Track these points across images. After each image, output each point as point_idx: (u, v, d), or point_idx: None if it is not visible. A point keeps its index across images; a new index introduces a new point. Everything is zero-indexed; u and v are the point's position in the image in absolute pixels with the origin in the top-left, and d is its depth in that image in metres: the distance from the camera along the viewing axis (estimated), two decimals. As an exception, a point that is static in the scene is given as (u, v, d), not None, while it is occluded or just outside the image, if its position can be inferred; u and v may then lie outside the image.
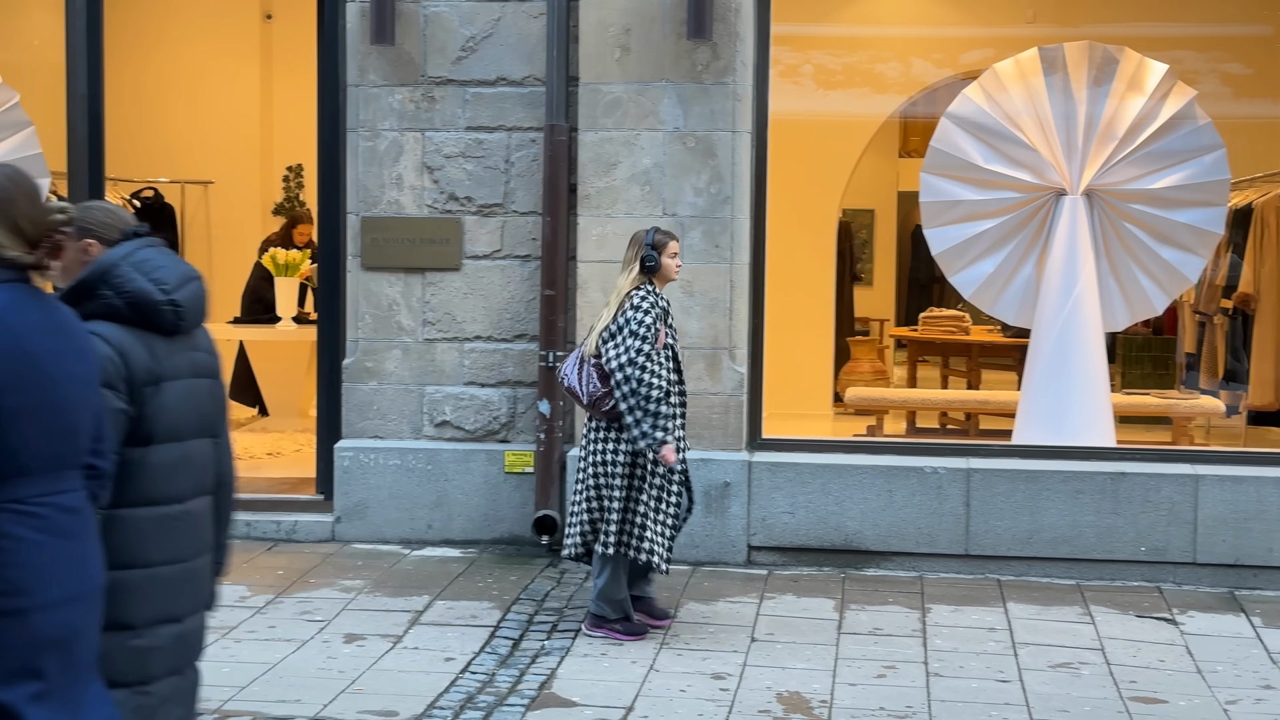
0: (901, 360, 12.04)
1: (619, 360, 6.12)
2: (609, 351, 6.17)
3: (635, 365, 6.09)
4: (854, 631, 6.53)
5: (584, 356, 6.32)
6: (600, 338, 6.24)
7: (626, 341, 6.13)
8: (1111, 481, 7.43)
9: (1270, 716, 5.56)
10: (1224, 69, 10.23)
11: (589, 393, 6.24)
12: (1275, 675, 6.04)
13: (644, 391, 6.09)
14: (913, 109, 11.02)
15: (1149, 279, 8.10)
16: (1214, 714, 5.58)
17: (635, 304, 6.19)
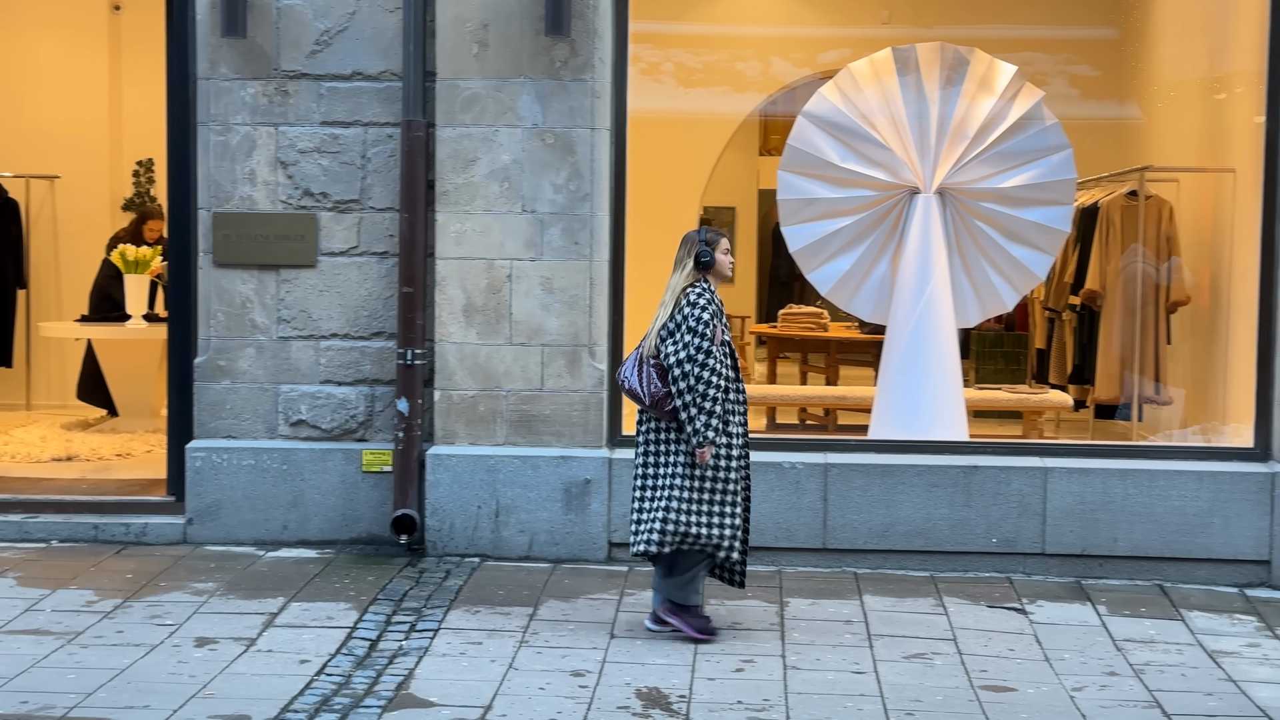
0: (762, 357, 12.14)
1: (677, 356, 6.14)
2: (667, 348, 6.19)
3: (694, 362, 6.10)
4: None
5: (643, 356, 6.31)
6: (659, 336, 6.25)
7: (685, 338, 6.14)
8: (964, 475, 7.57)
9: (1114, 702, 5.71)
10: (1072, 71, 10.48)
11: (651, 393, 6.23)
12: (1119, 662, 6.20)
13: (700, 388, 6.11)
14: (772, 107, 11.12)
15: (1000, 276, 8.26)
16: (1061, 701, 5.71)
17: (691, 301, 6.20)
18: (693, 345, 6.11)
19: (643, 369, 6.27)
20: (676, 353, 6.14)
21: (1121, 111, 10.66)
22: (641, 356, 6.31)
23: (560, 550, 7.60)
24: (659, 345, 6.22)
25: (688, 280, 6.26)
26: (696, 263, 6.26)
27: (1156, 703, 5.70)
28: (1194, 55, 9.69)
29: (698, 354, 6.09)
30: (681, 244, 6.38)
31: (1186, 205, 9.52)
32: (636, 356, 6.34)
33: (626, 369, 6.35)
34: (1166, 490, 7.45)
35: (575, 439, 7.64)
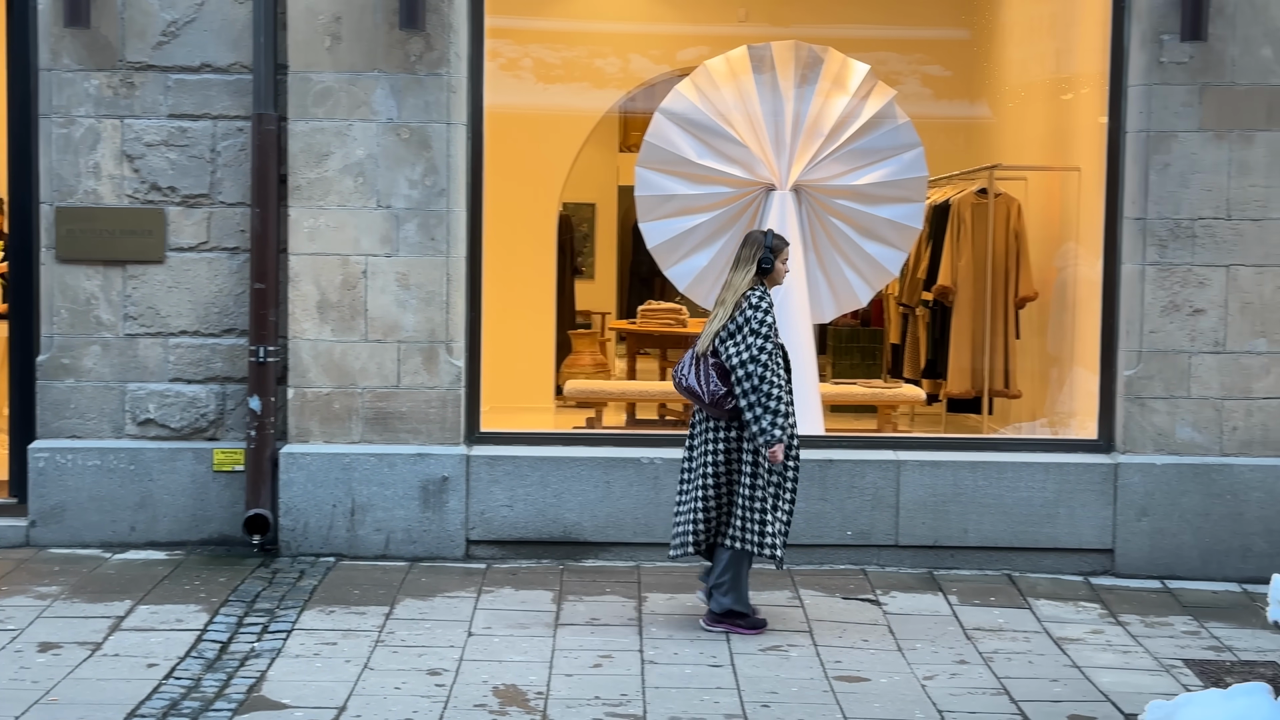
0: (622, 353, 12.16)
1: (740, 358, 6.19)
2: (729, 349, 6.24)
3: (758, 363, 6.17)
4: (571, 623, 6.56)
5: (699, 355, 6.34)
6: (718, 336, 6.29)
7: (748, 340, 6.20)
8: (820, 468, 7.65)
9: (964, 690, 5.82)
10: (924, 70, 10.65)
11: (710, 392, 6.27)
12: (969, 650, 6.32)
13: (765, 389, 6.17)
14: (631, 104, 11.15)
15: (854, 272, 8.37)
16: (913, 690, 5.80)
17: (754, 303, 6.26)
18: (755, 346, 6.18)
19: (700, 368, 6.34)
20: (739, 354, 6.21)
21: (972, 111, 10.87)
22: (697, 355, 6.36)
23: (418, 549, 7.53)
24: (719, 346, 6.27)
25: (749, 283, 6.31)
26: (758, 268, 6.34)
27: (1004, 689, 5.82)
28: (1041, 57, 9.91)
29: (760, 354, 6.17)
30: (745, 243, 6.45)
31: (1034, 203, 9.74)
32: (692, 356, 6.40)
33: (683, 368, 6.40)
34: (1015, 482, 7.61)
35: (433, 436, 7.57)
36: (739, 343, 6.23)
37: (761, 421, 6.18)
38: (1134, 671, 6.09)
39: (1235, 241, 7.51)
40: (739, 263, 6.41)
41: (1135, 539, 7.55)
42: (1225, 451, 7.57)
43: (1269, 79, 7.46)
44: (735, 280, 6.37)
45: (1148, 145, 7.52)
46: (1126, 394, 7.61)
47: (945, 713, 5.54)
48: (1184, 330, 7.55)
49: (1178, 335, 7.55)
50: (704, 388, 6.31)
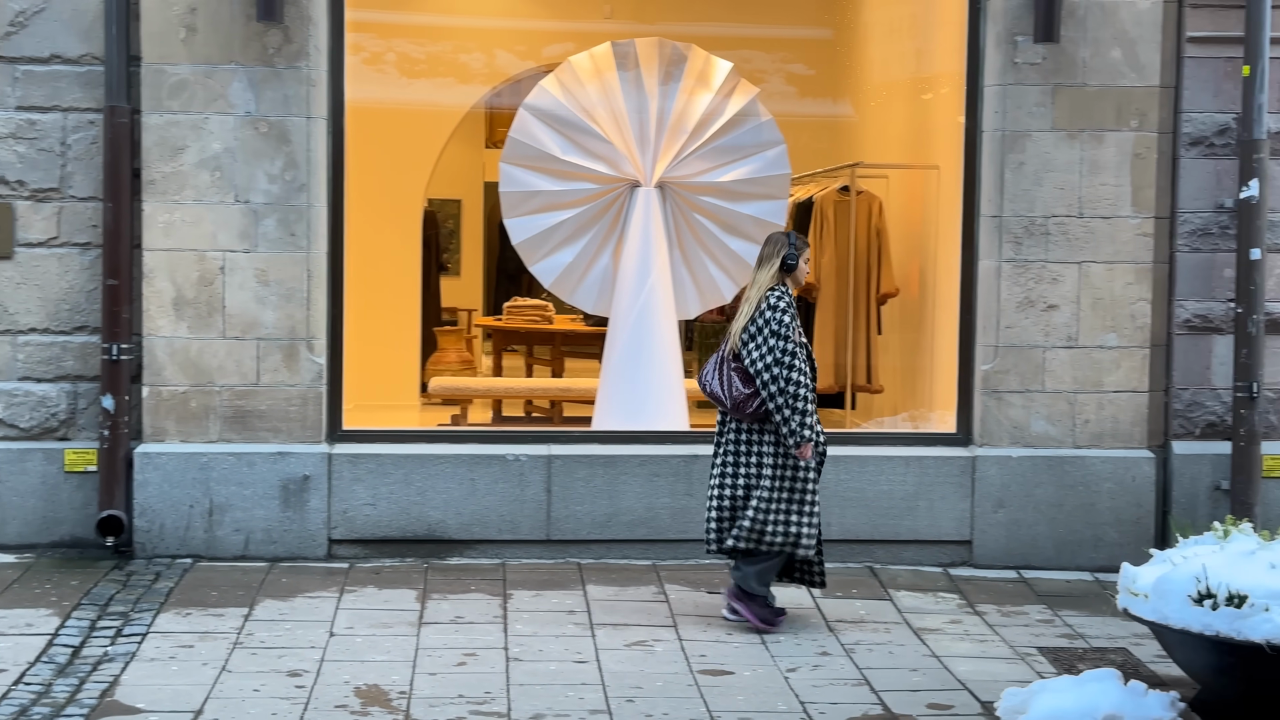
0: (488, 350, 12.11)
1: (764, 360, 6.22)
2: (752, 352, 6.27)
3: (781, 365, 6.20)
4: (435, 621, 6.51)
5: (723, 358, 6.38)
6: (740, 337, 6.31)
7: (769, 341, 6.23)
8: (685, 464, 7.68)
9: (826, 681, 5.88)
10: (787, 69, 10.75)
11: (733, 396, 6.31)
12: (831, 642, 6.39)
13: (791, 390, 6.21)
14: (497, 100, 11.10)
15: (718, 268, 8.42)
16: (776, 682, 5.85)
17: (772, 304, 6.28)
18: (778, 349, 6.22)
19: (723, 371, 6.37)
20: (763, 357, 6.24)
21: (834, 109, 11.00)
22: (722, 358, 6.40)
23: (278, 549, 7.42)
24: (740, 347, 6.32)
25: (772, 281, 6.34)
26: (782, 265, 6.35)
27: (865, 680, 5.90)
28: (902, 56, 10.07)
29: (784, 356, 6.21)
30: (768, 242, 6.48)
31: (895, 200, 9.88)
32: (717, 359, 6.43)
33: (707, 372, 6.43)
34: (876, 475, 7.71)
35: (293, 435, 7.46)
36: (760, 345, 6.28)
37: (791, 423, 6.25)
38: (990, 660, 6.21)
39: (1087, 239, 7.68)
40: (762, 261, 6.45)
41: (992, 530, 7.70)
42: (1078, 444, 7.74)
43: (1118, 80, 7.65)
44: (760, 278, 6.41)
45: (1003, 144, 7.67)
46: (984, 388, 7.75)
47: (807, 704, 5.60)
48: (1038, 326, 7.72)
49: (1032, 330, 7.71)
50: (726, 392, 6.36)
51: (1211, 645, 5.21)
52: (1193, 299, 7.75)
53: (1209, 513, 7.56)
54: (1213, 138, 7.69)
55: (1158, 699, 5.41)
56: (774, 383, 6.24)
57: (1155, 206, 7.71)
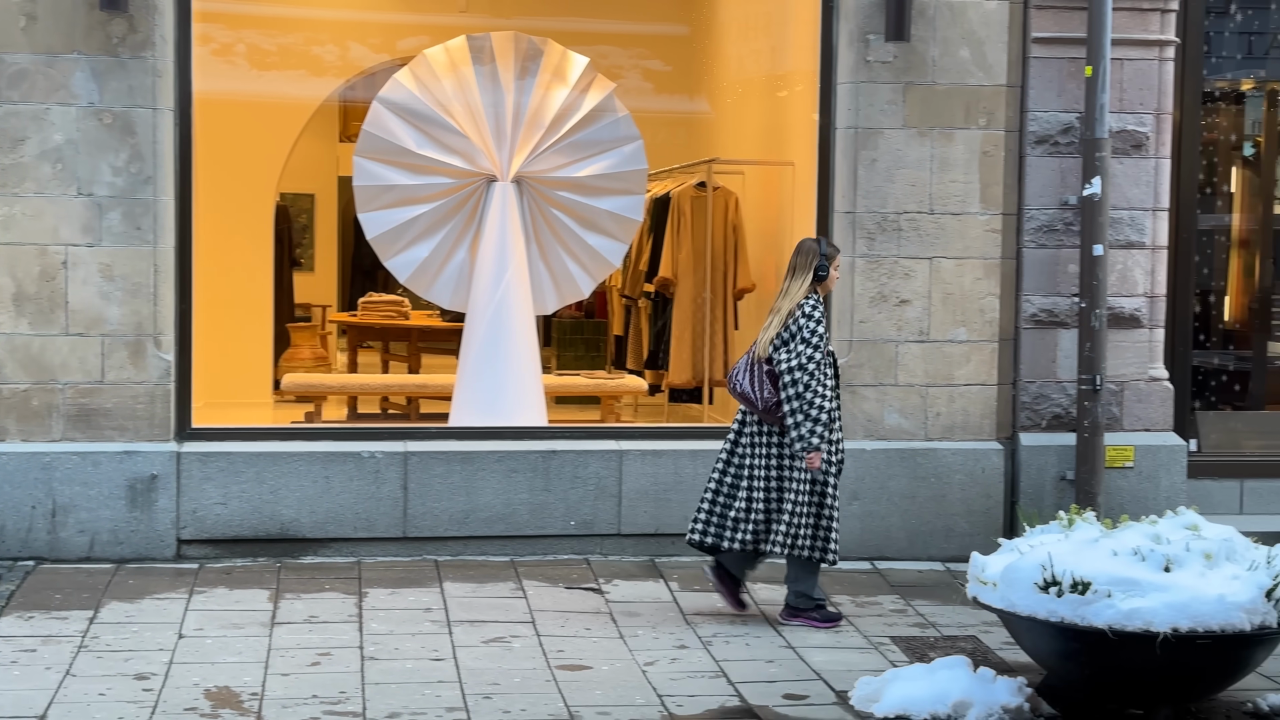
0: (343, 346, 11.96)
1: (789, 364, 6.34)
2: (781, 356, 6.37)
3: (805, 371, 6.31)
4: (289, 621, 6.40)
5: (754, 360, 6.46)
6: (772, 344, 6.41)
7: (799, 348, 6.35)
8: (543, 459, 7.66)
9: (684, 674, 5.90)
10: (644, 65, 10.79)
11: (764, 399, 6.41)
12: (689, 635, 6.42)
13: (809, 396, 6.31)
14: (351, 93, 10.98)
15: (576, 264, 8.41)
16: (634, 676, 5.86)
17: (807, 312, 6.40)
18: (804, 355, 6.32)
19: (754, 374, 6.45)
20: (788, 360, 6.34)
21: (691, 106, 11.06)
22: (753, 360, 6.47)
23: (125, 550, 7.24)
24: (772, 352, 6.41)
25: (805, 290, 6.44)
26: (814, 275, 6.46)
27: (723, 672, 5.93)
28: (757, 54, 10.15)
29: (809, 363, 6.31)
30: (799, 252, 6.55)
31: (751, 196, 9.97)
32: (748, 361, 6.51)
33: (737, 373, 6.50)
34: (733, 469, 7.76)
35: (140, 433, 7.29)
36: (790, 350, 6.38)
37: (801, 428, 6.32)
38: (845, 650, 6.28)
39: (938, 235, 7.82)
40: (795, 270, 6.53)
41: (847, 522, 7.78)
42: (930, 436, 7.88)
43: (966, 79, 7.80)
44: (792, 288, 6.50)
45: (856, 141, 7.77)
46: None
47: (665, 697, 5.61)
48: (891, 320, 7.83)
49: (886, 325, 7.83)
50: (758, 394, 6.44)
51: (1057, 631, 5.34)
52: (1039, 294, 7.93)
53: (1055, 502, 7.74)
54: (1057, 136, 7.88)
55: (1006, 685, 5.53)
56: (793, 386, 6.35)
57: (1003, 203, 7.87)
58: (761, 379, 6.46)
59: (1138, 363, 7.99)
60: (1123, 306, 7.91)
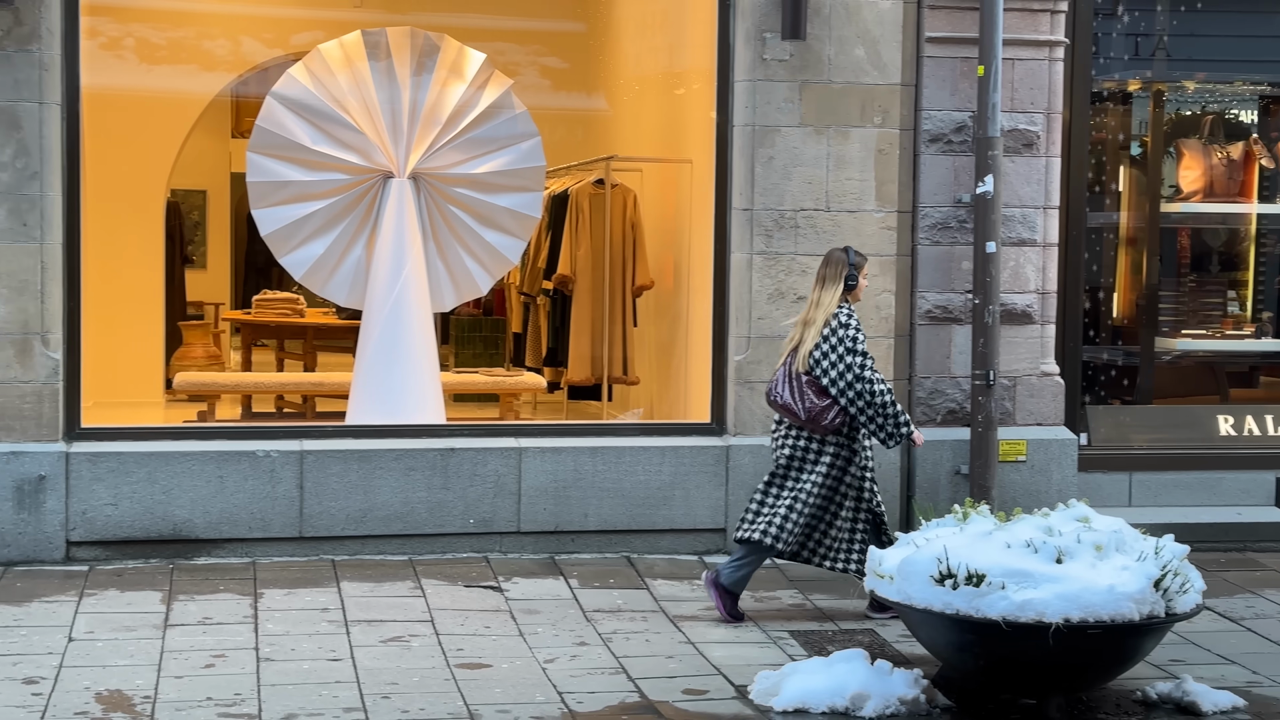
0: (237, 345, 11.81)
1: (846, 379, 6.48)
2: (829, 371, 6.51)
3: (862, 380, 6.47)
4: (182, 623, 6.31)
5: (794, 373, 6.56)
6: (812, 356, 6.53)
7: (846, 359, 6.48)
8: (441, 457, 7.61)
9: (584, 670, 5.90)
10: (541, 62, 10.77)
11: (807, 409, 6.52)
12: (589, 632, 6.42)
13: (877, 402, 6.48)
14: (243, 88, 10.84)
15: (474, 260, 8.37)
16: (534, 673, 5.84)
17: (843, 321, 6.54)
18: (855, 365, 6.48)
19: (794, 385, 6.56)
20: (843, 375, 6.49)
21: (589, 103, 11.06)
22: (792, 373, 6.58)
23: (12, 552, 7.09)
24: (813, 364, 6.53)
25: (838, 301, 6.58)
26: (845, 285, 6.60)
27: (623, 669, 5.94)
28: (655, 52, 10.17)
29: (863, 371, 6.47)
30: (827, 263, 6.67)
31: (650, 194, 9.98)
32: (786, 373, 6.61)
33: (777, 386, 6.62)
34: (633, 466, 7.78)
35: (28, 433, 7.14)
36: (837, 363, 6.50)
37: (885, 429, 6.51)
38: (744, 645, 6.32)
39: (834, 232, 7.89)
40: (825, 281, 6.64)
41: (746, 518, 7.83)
42: (827, 431, 7.94)
43: (862, 78, 7.87)
44: (824, 299, 6.61)
45: (753, 139, 7.81)
46: (737, 378, 7.89)
47: (565, 694, 5.61)
48: (790, 316, 7.86)
49: (783, 321, 7.87)
50: (800, 404, 6.54)
51: (952, 623, 5.41)
52: (934, 291, 8.03)
53: (950, 496, 7.85)
54: (950, 135, 7.98)
55: (902, 676, 5.59)
56: (860, 399, 6.49)
57: (898, 201, 7.95)
58: (803, 390, 6.57)
59: (1030, 358, 8.11)
60: (1015, 303, 8.03)
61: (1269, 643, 6.60)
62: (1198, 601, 5.53)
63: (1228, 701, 5.69)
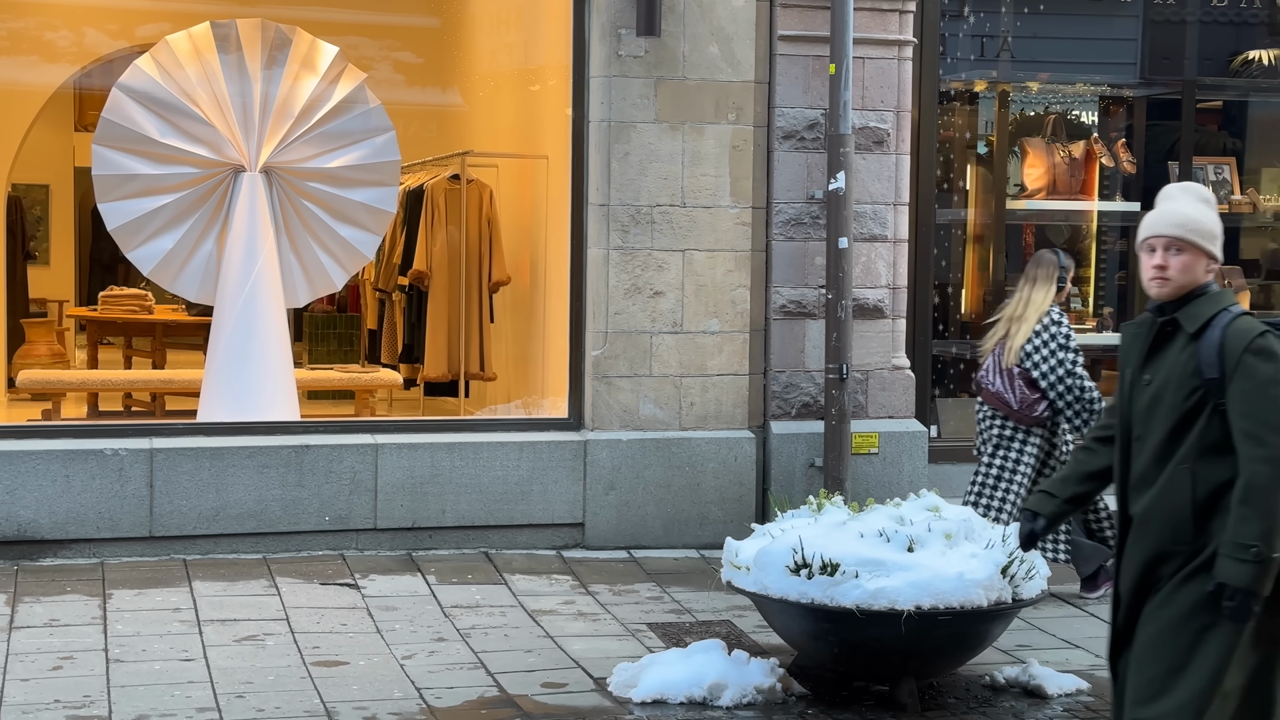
0: (82, 343, 11.53)
1: (1057, 374, 6.87)
2: (1042, 365, 6.89)
3: (1074, 376, 6.87)
4: (28, 625, 6.15)
5: (1003, 367, 6.95)
6: (1024, 350, 6.91)
7: (1058, 355, 6.87)
8: (296, 454, 7.52)
9: (442, 666, 5.88)
10: (396, 57, 10.68)
11: (1019, 399, 6.92)
12: (447, 628, 6.39)
13: (1086, 398, 6.88)
14: (87, 80, 10.59)
15: (328, 256, 8.28)
16: (391, 670, 5.81)
17: (1055, 319, 6.93)
18: (1069, 361, 6.88)
19: (1007, 377, 6.95)
20: (1054, 370, 6.87)
21: (444, 98, 11.00)
22: (1001, 367, 6.96)
23: None
24: (1024, 358, 6.90)
25: (1049, 300, 6.94)
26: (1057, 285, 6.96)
27: (481, 663, 5.93)
28: (510, 48, 10.16)
29: (1074, 368, 6.87)
30: (1038, 264, 7.06)
31: (506, 189, 9.97)
32: (996, 365, 6.99)
33: (988, 376, 7.01)
34: (490, 461, 7.76)
35: None
36: (1049, 358, 6.88)
37: (1090, 425, 6.81)
38: (603, 638, 6.35)
39: (690, 227, 7.95)
40: (1035, 281, 7.00)
41: (604, 512, 7.87)
42: (684, 426, 8.01)
43: (716, 75, 7.95)
44: (1035, 298, 6.97)
45: (609, 135, 7.84)
46: (594, 373, 7.92)
47: (424, 690, 5.58)
48: (646, 312, 7.94)
49: (640, 316, 7.93)
50: (1013, 396, 6.92)
51: (807, 612, 5.49)
52: (787, 285, 8.14)
53: (805, 488, 7.95)
54: (803, 132, 8.10)
55: (759, 666, 5.67)
56: (1069, 393, 6.88)
57: (752, 197, 8.05)
58: (1014, 382, 6.94)
59: (881, 352, 8.26)
60: (867, 298, 8.18)
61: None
62: (1043, 588, 5.70)
63: (1072, 685, 5.86)
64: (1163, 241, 3.98)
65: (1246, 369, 3.82)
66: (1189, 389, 3.90)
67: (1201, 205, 4.03)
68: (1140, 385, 4.01)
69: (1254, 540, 3.75)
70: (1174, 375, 3.94)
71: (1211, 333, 3.89)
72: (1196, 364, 3.90)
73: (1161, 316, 4.02)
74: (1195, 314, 3.95)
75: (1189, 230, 3.97)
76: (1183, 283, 3.97)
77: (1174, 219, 4.00)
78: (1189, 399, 3.90)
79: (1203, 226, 3.99)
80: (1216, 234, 4.01)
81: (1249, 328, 3.88)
